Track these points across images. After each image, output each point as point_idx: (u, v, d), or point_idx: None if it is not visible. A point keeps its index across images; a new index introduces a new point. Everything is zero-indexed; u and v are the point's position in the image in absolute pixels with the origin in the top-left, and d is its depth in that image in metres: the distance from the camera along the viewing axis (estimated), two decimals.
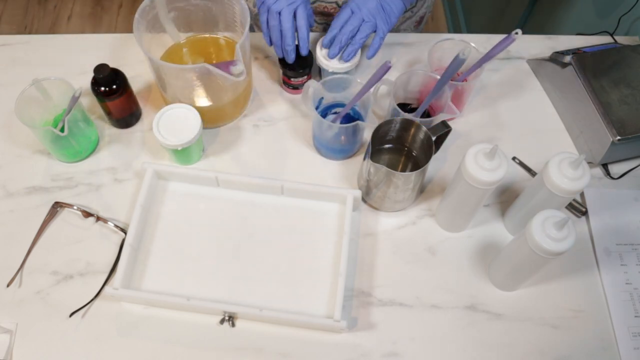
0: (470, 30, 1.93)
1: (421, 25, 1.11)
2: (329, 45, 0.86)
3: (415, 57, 0.98)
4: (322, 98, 0.85)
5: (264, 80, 0.95)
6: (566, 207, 0.84)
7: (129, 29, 0.98)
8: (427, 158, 0.75)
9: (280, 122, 0.91)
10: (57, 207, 0.82)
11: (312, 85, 0.80)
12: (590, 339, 0.75)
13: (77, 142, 0.83)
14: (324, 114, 0.87)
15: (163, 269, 0.78)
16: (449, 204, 0.78)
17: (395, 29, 1.06)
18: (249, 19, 0.80)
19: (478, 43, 0.86)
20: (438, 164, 0.87)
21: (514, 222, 0.81)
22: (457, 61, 0.74)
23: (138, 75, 0.94)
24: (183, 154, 0.82)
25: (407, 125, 0.79)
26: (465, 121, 0.92)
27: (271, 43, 0.85)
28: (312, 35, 0.93)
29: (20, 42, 0.98)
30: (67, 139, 0.80)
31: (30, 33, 2.13)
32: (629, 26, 1.06)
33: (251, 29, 1.03)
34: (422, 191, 0.85)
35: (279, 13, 0.80)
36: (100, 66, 0.81)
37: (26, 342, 0.73)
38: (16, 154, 0.87)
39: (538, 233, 0.63)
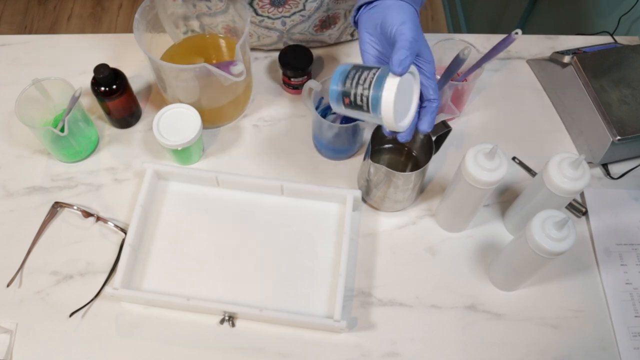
0: (470, 30, 1.93)
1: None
2: None
3: None
4: (322, 98, 0.85)
5: (264, 80, 0.95)
6: (566, 207, 0.84)
7: (129, 29, 0.98)
8: (427, 158, 0.75)
9: (280, 122, 0.91)
10: (57, 207, 0.82)
11: (312, 85, 0.80)
12: (590, 339, 0.75)
13: (77, 142, 0.83)
14: (324, 114, 0.87)
15: (163, 269, 0.78)
16: (449, 204, 0.78)
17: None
18: (249, 19, 0.80)
19: (478, 43, 0.86)
20: (438, 164, 0.87)
21: (514, 222, 0.81)
22: (457, 61, 0.74)
23: (138, 75, 0.94)
24: (183, 154, 0.82)
25: None
26: (465, 121, 0.92)
27: None
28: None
29: (20, 42, 0.98)
30: (67, 139, 0.80)
31: (30, 33, 2.13)
32: (629, 26, 1.06)
33: None
34: (422, 191, 0.85)
35: None
36: (100, 66, 0.81)
37: (26, 342, 0.73)
38: (16, 154, 0.87)
39: (538, 233, 0.63)
